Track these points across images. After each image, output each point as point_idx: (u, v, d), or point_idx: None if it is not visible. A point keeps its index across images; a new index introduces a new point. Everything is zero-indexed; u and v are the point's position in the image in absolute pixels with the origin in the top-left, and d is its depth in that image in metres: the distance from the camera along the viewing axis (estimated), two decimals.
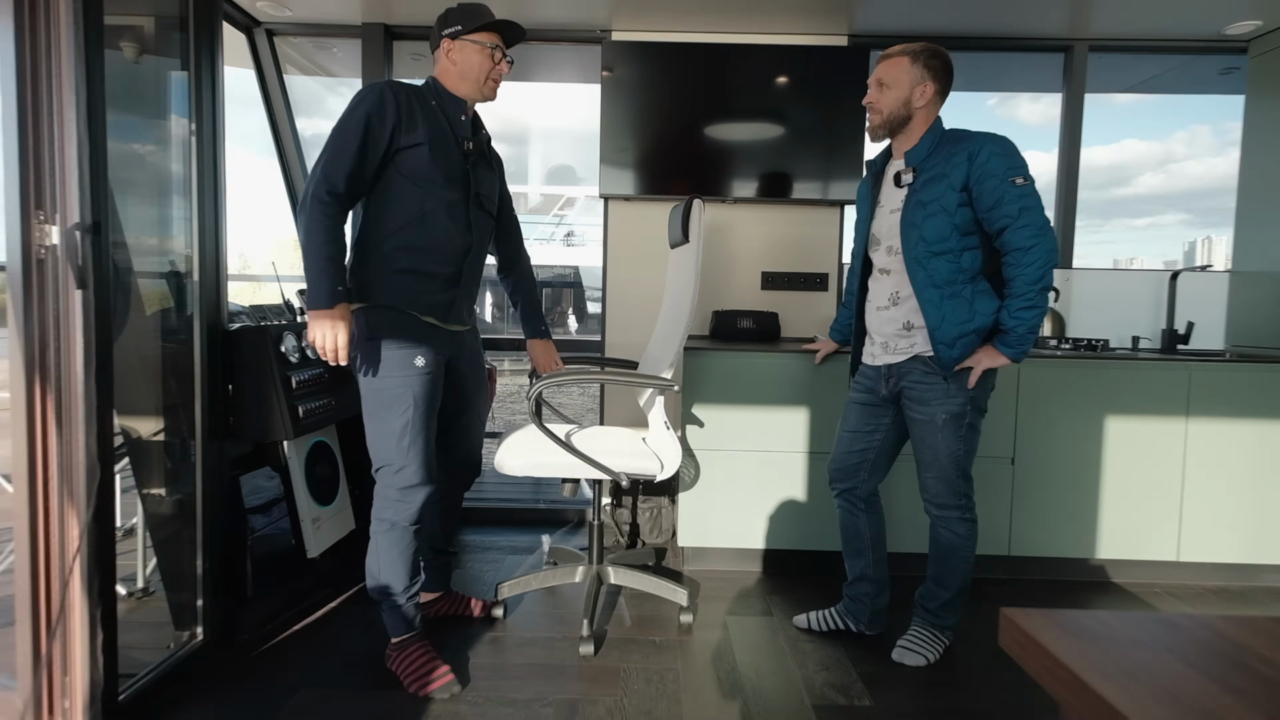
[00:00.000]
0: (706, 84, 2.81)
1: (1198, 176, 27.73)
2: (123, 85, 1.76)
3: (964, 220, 1.73)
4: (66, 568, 1.41)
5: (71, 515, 1.43)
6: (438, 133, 1.74)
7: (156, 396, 1.83)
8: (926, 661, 1.89)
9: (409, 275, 1.73)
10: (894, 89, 1.80)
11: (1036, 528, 2.44)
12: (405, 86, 1.75)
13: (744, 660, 1.92)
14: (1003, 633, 0.60)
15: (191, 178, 1.85)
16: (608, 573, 2.19)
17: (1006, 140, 1.74)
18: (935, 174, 1.75)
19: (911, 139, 1.82)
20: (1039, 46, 2.93)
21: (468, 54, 1.78)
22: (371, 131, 1.66)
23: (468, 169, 1.80)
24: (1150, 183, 66.72)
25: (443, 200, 1.75)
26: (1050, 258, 1.67)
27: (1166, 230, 58.91)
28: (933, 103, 1.81)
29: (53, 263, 1.43)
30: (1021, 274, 1.69)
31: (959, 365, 1.76)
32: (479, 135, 1.86)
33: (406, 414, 1.71)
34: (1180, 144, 61.50)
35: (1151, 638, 0.56)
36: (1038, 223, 1.68)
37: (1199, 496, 2.41)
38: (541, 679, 1.80)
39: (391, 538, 1.76)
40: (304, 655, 1.90)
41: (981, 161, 1.70)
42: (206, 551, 1.82)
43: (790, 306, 2.94)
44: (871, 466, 1.96)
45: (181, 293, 1.89)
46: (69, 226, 1.41)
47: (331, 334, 1.62)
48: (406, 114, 1.70)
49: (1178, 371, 2.38)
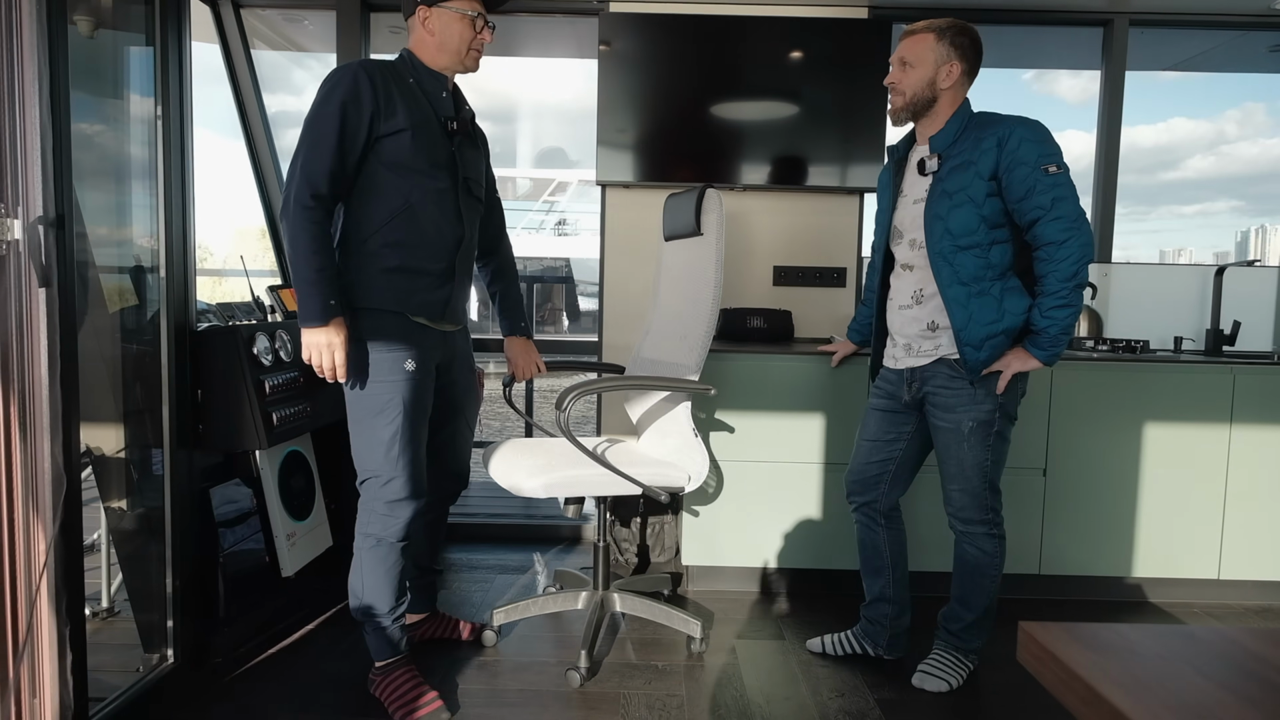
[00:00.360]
0: (714, 60, 2.87)
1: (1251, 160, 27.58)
2: (80, 63, 1.80)
3: (993, 212, 1.79)
4: (34, 585, 1.46)
5: (38, 529, 1.48)
6: (419, 115, 1.77)
7: (119, 401, 1.88)
8: (949, 687, 1.95)
9: (399, 274, 1.78)
10: (918, 68, 1.85)
11: (1070, 544, 2.51)
12: (379, 65, 1.77)
13: (753, 686, 1.98)
14: (1021, 647, 0.66)
15: (157, 163, 1.90)
16: (613, 600, 2.23)
17: (1039, 125, 1.79)
18: (962, 161, 1.81)
19: (937, 123, 1.88)
20: (1076, 20, 3.00)
21: (447, 22, 1.78)
22: (348, 122, 1.69)
23: (453, 152, 1.84)
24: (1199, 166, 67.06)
25: (429, 189, 1.78)
26: (1085, 253, 1.73)
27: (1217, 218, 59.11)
28: (960, 84, 1.86)
29: (14, 259, 1.48)
30: (1054, 270, 1.75)
31: (987, 369, 1.82)
32: (462, 113, 1.88)
33: (395, 422, 1.76)
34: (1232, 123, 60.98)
35: (1169, 650, 0.62)
36: (1072, 215, 1.73)
37: (1242, 510, 2.48)
38: (536, 706, 1.86)
39: (377, 555, 1.81)
40: (281, 680, 1.96)
41: (1012, 148, 1.75)
42: (176, 569, 1.87)
43: (805, 304, 3.00)
44: (892, 478, 2.03)
45: (144, 289, 1.94)
46: (31, 220, 1.46)
47: (328, 352, 1.67)
48: (384, 97, 1.72)
49: (1221, 375, 2.45)
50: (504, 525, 3.16)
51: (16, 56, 1.45)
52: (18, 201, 1.46)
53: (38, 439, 1.49)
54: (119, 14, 1.94)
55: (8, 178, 1.45)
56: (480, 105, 2.08)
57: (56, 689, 1.49)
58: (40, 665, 1.49)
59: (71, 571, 1.53)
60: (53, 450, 1.49)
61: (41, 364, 1.48)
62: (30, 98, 1.46)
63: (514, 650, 2.15)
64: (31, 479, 1.49)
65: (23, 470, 1.48)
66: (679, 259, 2.30)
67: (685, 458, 2.09)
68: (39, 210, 1.46)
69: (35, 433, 1.49)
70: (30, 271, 1.47)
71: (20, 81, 1.45)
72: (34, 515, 1.49)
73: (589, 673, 1.99)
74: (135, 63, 1.94)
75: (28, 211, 1.46)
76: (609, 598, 2.22)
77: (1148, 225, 48.81)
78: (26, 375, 1.48)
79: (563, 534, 3.14)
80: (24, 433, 1.49)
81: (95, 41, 1.91)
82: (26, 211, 1.46)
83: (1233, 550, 2.49)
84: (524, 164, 20.03)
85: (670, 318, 2.29)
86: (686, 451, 2.10)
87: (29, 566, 1.49)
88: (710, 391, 2.02)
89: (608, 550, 2.27)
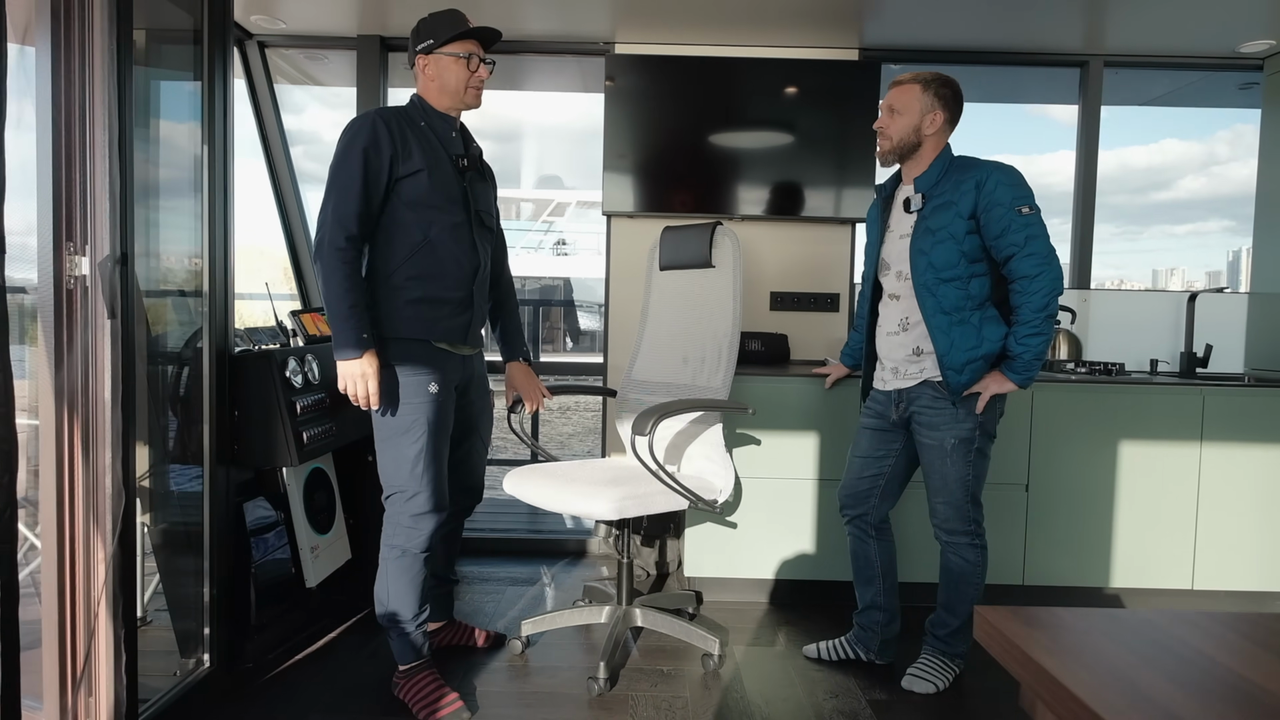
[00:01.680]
0: (713, 98, 3.05)
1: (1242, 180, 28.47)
2: (139, 102, 1.95)
3: (972, 247, 1.96)
4: (94, 592, 1.60)
5: (98, 540, 1.62)
6: (433, 156, 1.93)
7: (163, 420, 2.02)
8: (936, 689, 2.09)
9: (423, 304, 1.93)
10: (905, 115, 2.02)
11: (1051, 556, 2.66)
12: (394, 112, 1.93)
13: (753, 689, 2.11)
14: (976, 626, 0.81)
15: (202, 194, 2.04)
16: (636, 615, 2.31)
17: (1014, 170, 1.97)
18: (944, 201, 1.98)
19: (921, 165, 2.05)
20: (1054, 61, 3.19)
21: (444, 66, 1.94)
22: (370, 166, 1.85)
23: (465, 187, 1.99)
24: (1191, 186, 67.38)
25: (446, 224, 1.94)
26: (1055, 285, 1.90)
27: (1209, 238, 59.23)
28: (942, 130, 2.04)
29: (81, 293, 1.63)
30: (1028, 301, 1.91)
31: (967, 390, 1.98)
32: (471, 150, 2.04)
33: (420, 440, 1.91)
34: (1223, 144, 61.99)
35: (1093, 626, 0.77)
36: (1043, 252, 1.90)
37: (1213, 524, 2.63)
38: (551, 707, 1.99)
39: (402, 565, 1.95)
40: (309, 683, 2.09)
41: (989, 190, 1.93)
42: (214, 579, 2.00)
43: (800, 328, 3.16)
44: (882, 492, 2.18)
45: (187, 313, 2.09)
46: (100, 258, 1.62)
47: (362, 381, 1.82)
48: (401, 142, 1.88)
49: (1191, 396, 2.61)
50: (512, 539, 3.30)
51: (89, 110, 1.61)
52: (86, 240, 1.62)
53: (99, 457, 1.64)
54: (170, 55, 2.08)
55: (78, 220, 1.61)
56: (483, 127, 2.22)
57: (112, 687, 1.63)
58: (97, 666, 1.62)
59: (128, 579, 1.67)
60: (113, 467, 1.63)
61: (105, 388, 1.63)
62: (99, 148, 1.62)
63: (534, 656, 2.28)
64: (92, 494, 1.63)
65: (84, 485, 1.63)
66: (677, 288, 2.43)
67: (716, 474, 2.24)
68: (105, 249, 1.62)
69: (97, 452, 1.63)
70: (98, 304, 1.62)
71: (91, 133, 1.61)
72: (94, 527, 1.63)
73: (608, 684, 2.08)
74: (185, 100, 2.08)
75: (95, 250, 1.62)
76: (631, 613, 2.31)
77: (1140, 245, 49.15)
78: (91, 399, 1.63)
79: (568, 548, 3.27)
80: (86, 451, 1.63)
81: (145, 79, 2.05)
82: (94, 250, 1.62)
83: (1205, 562, 2.64)
84: (526, 185, 20.30)
85: (666, 341, 2.42)
86: (718, 467, 2.24)
87: (89, 575, 1.63)
88: (749, 410, 2.21)
89: (631, 567, 2.36)
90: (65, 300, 1.61)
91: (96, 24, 1.61)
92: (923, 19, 2.85)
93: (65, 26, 1.59)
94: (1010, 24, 2.87)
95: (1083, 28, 2.90)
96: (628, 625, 2.31)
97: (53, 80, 1.57)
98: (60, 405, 1.60)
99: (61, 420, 1.60)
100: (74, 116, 1.60)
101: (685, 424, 2.37)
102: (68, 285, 1.61)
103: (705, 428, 2.30)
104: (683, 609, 2.59)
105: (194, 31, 2.03)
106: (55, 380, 1.59)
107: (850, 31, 2.97)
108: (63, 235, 1.60)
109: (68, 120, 1.60)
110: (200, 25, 2.03)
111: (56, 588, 1.60)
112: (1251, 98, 3.51)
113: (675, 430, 2.42)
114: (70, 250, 1.61)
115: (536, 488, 2.19)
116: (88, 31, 1.61)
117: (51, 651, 1.59)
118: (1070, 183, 3.30)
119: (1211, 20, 2.78)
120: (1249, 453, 2.62)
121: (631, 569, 2.36)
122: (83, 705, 1.63)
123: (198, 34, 2.03)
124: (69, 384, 1.60)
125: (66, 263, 1.61)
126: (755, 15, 2.81)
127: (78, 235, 1.62)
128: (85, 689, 1.62)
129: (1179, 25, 2.82)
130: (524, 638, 2.31)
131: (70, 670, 1.61)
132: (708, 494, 2.20)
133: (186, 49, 2.04)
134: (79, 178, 1.61)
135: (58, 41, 1.58)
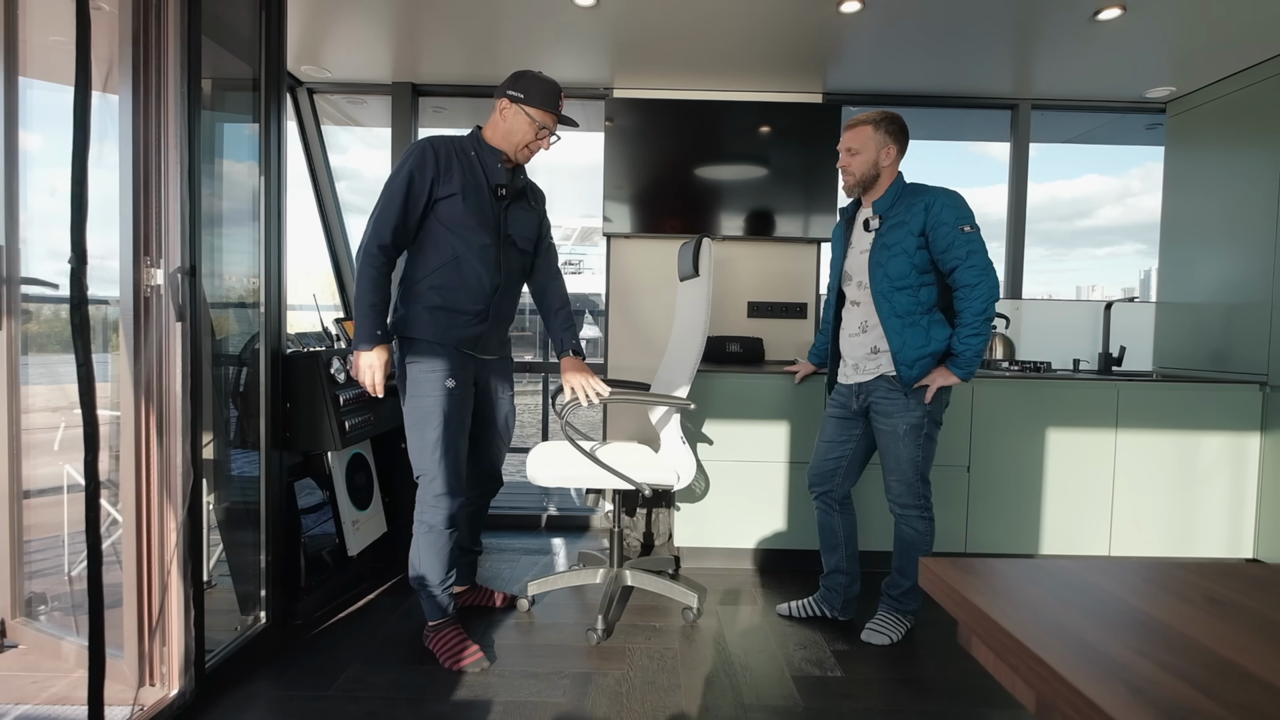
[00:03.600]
0: (698, 135, 3.07)
1: (1152, 210, 28.81)
2: (205, 139, 1.97)
3: (921, 261, 1.98)
4: (167, 556, 1.61)
5: (170, 513, 1.63)
6: (472, 183, 1.91)
7: (227, 412, 2.03)
8: (890, 641, 2.10)
9: (441, 312, 1.93)
10: (863, 153, 2.04)
11: (989, 527, 2.67)
12: (447, 141, 1.92)
13: (733, 641, 2.12)
14: (921, 575, 0.82)
15: (259, 220, 2.06)
16: (625, 575, 2.35)
17: (957, 194, 1.99)
18: (897, 221, 2.00)
19: (878, 191, 2.07)
20: (988, 104, 3.22)
21: (518, 120, 1.93)
22: (413, 186, 1.86)
23: (500, 213, 1.97)
24: (1110, 214, 67.94)
25: (474, 245, 1.92)
26: (992, 293, 1.92)
27: (1124, 259, 59.37)
28: (895, 160, 2.06)
29: (156, 300, 1.64)
30: (969, 306, 1.93)
31: (917, 383, 1.99)
32: (515, 182, 1.99)
33: (438, 429, 1.91)
34: (1136, 179, 62.21)
35: (1020, 574, 0.78)
36: (982, 264, 1.92)
37: (1127, 499, 2.65)
38: (558, 657, 2.00)
39: (430, 539, 1.95)
40: (351, 637, 2.09)
41: (936, 212, 1.95)
42: (269, 548, 2.01)
43: (773, 332, 3.18)
44: (845, 472, 2.19)
45: (245, 321, 2.10)
46: (172, 270, 1.63)
47: (370, 373, 1.86)
48: (444, 168, 1.89)
49: (1108, 390, 2.63)
50: (525, 515, 3.30)
51: (163, 141, 1.62)
52: (160, 254, 1.63)
53: (171, 441, 1.64)
54: (232, 100, 2.09)
55: (154, 236, 1.62)
56: None
57: (182, 638, 1.63)
58: (169, 619, 1.63)
59: (195, 546, 1.67)
60: (183, 450, 1.64)
61: (176, 382, 1.64)
62: (172, 173, 1.63)
63: (541, 615, 2.29)
64: (165, 473, 1.64)
65: (159, 466, 1.64)
66: (685, 295, 2.43)
67: (675, 460, 2.22)
68: (177, 261, 1.63)
69: (170, 436, 1.64)
70: (169, 309, 1.63)
71: (166, 160, 1.62)
72: (166, 501, 1.64)
73: (604, 634, 2.12)
74: (244, 139, 2.09)
75: (168, 262, 1.63)
76: (622, 574, 2.35)
77: (1066, 265, 49.40)
78: (164, 392, 1.64)
79: (576, 523, 3.28)
80: (160, 437, 1.64)
81: (209, 122, 2.06)
82: (167, 262, 1.63)
83: (1120, 531, 2.66)
84: None
85: (677, 345, 2.43)
86: (675, 456, 2.23)
87: (162, 543, 1.63)
88: (691, 406, 2.14)
89: (621, 535, 2.40)
90: (143, 307, 1.62)
91: (170, 71, 1.62)
92: (877, 67, 2.88)
93: (145, 74, 1.60)
94: (951, 72, 2.90)
95: (1013, 75, 2.93)
96: (619, 585, 2.34)
97: (133, 118, 1.59)
98: (138, 397, 1.60)
99: (139, 410, 1.61)
100: (150, 149, 1.62)
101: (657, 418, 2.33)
102: (145, 294, 1.62)
103: (665, 420, 2.28)
104: (664, 570, 2.63)
105: (253, 80, 2.04)
106: (134, 375, 1.60)
107: (814, 78, 3.00)
108: (140, 250, 1.61)
109: (145, 152, 1.61)
110: (258, 74, 2.04)
111: (136, 554, 1.60)
112: (1156, 136, 3.56)
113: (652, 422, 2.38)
114: (147, 263, 1.62)
115: (535, 457, 2.24)
116: (163, 77, 1.62)
117: (131, 609, 1.60)
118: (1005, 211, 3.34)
119: (1122, 69, 2.81)
120: (1157, 438, 2.64)
121: (622, 537, 2.39)
122: (158, 653, 1.63)
123: (256, 82, 2.04)
124: (145, 378, 1.61)
125: (144, 274, 1.62)
126: (734, 63, 2.84)
127: (154, 250, 1.63)
128: (160, 640, 1.63)
129: (1095, 73, 2.86)
130: (530, 597, 2.33)
131: (147, 624, 1.61)
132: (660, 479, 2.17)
133: (246, 95, 2.06)
134: (155, 201, 1.62)
135: (137, 86, 1.59)
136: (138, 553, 1.59)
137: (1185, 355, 3.03)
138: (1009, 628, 0.64)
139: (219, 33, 1.87)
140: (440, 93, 3.19)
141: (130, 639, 1.59)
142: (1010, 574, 0.80)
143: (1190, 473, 2.65)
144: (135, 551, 1.59)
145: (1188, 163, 3.06)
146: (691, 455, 2.21)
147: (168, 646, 1.62)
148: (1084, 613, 0.68)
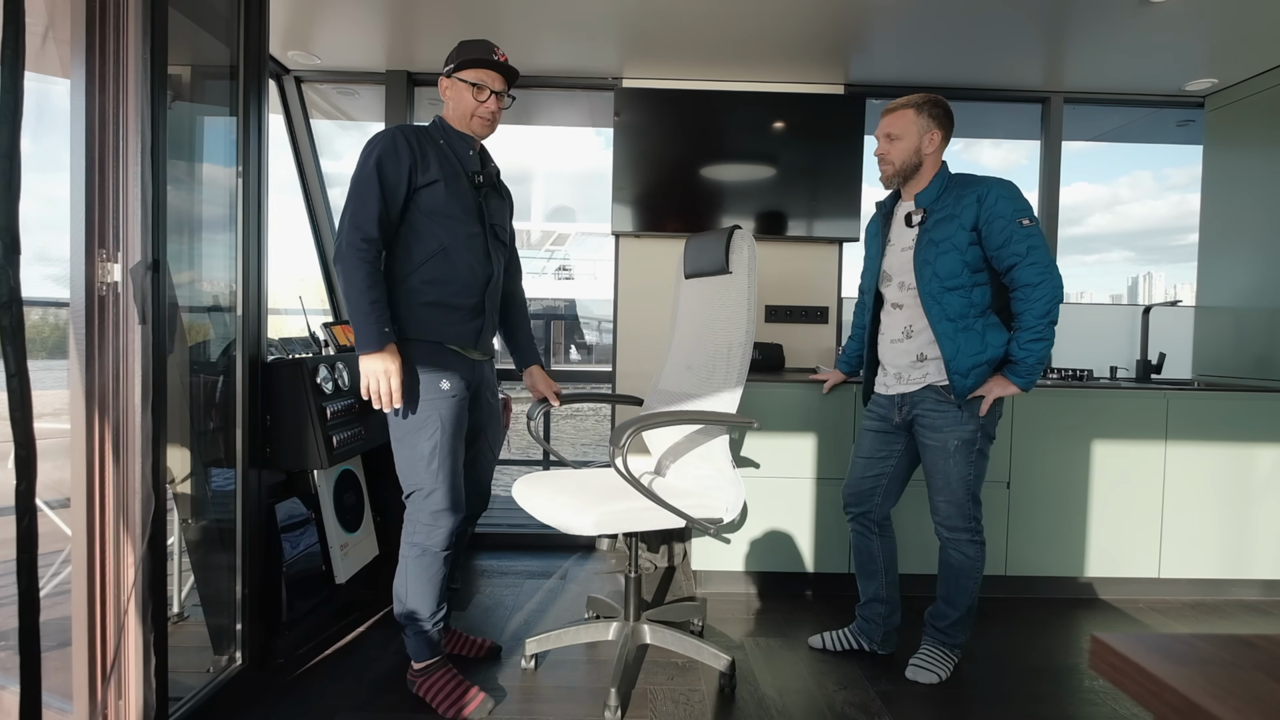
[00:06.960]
0: (713, 128, 2.88)
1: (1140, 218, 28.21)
2: (172, 130, 1.76)
3: (974, 258, 1.78)
4: (123, 595, 1.38)
5: (127, 544, 1.40)
6: (450, 169, 1.74)
7: (195, 425, 1.81)
8: (939, 679, 1.90)
9: (435, 308, 1.73)
10: (904, 139, 1.85)
11: (1031, 548, 2.48)
12: (415, 129, 1.75)
13: (764, 680, 1.91)
14: (1095, 657, 0.62)
15: (237, 218, 1.85)
16: (643, 631, 1.98)
17: (1013, 184, 1.79)
18: (946, 214, 1.81)
19: (921, 182, 1.88)
20: (1019, 97, 3.05)
21: (457, 91, 1.78)
22: (388, 174, 1.66)
23: (480, 201, 1.80)
24: (1099, 223, 68.31)
25: (461, 234, 1.74)
26: (1057, 293, 1.73)
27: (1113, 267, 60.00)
28: (939, 148, 1.87)
29: (113, 299, 1.42)
30: (1031, 308, 1.74)
31: (972, 394, 1.80)
32: (488, 168, 1.85)
33: (434, 437, 1.69)
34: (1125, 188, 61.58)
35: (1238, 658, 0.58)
36: (1045, 260, 1.73)
37: (1177, 516, 2.47)
38: (572, 703, 1.78)
39: (421, 564, 1.73)
40: (339, 679, 1.86)
41: (990, 204, 1.75)
42: (246, 577, 1.79)
43: (793, 338, 2.98)
44: (885, 491, 1.99)
45: (221, 326, 1.88)
46: (132, 265, 1.41)
47: (384, 377, 1.62)
48: (420, 154, 1.70)
49: (1156, 400, 2.45)
50: (527, 534, 3.08)
51: (122, 121, 1.41)
52: (118, 248, 1.41)
53: (130, 461, 1.42)
54: (207, 89, 1.89)
55: (110, 227, 1.40)
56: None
57: (140, 690, 1.40)
58: (126, 669, 1.40)
59: (157, 583, 1.45)
60: (143, 472, 1.42)
61: (135, 393, 1.42)
62: (132, 157, 1.42)
63: (543, 676, 2.03)
64: (122, 498, 1.42)
65: (115, 490, 1.41)
66: (699, 295, 2.16)
67: (722, 489, 1.85)
68: (138, 255, 1.41)
69: (127, 455, 1.42)
70: (129, 310, 1.41)
71: (125, 143, 1.41)
72: (124, 532, 1.41)
73: (619, 711, 1.71)
74: (220, 131, 1.88)
75: (128, 256, 1.41)
76: (639, 630, 1.98)
77: None
78: (122, 403, 1.42)
79: (580, 542, 3.06)
80: (116, 456, 1.42)
81: (185, 111, 1.86)
82: (126, 256, 1.41)
83: (1170, 552, 2.47)
84: (536, 218, 20.52)
85: (687, 351, 2.17)
86: (723, 483, 1.86)
87: (119, 579, 1.41)
88: (754, 425, 1.80)
89: (639, 581, 2.02)
90: (97, 306, 1.40)
91: (130, 42, 1.41)
92: (902, 57, 2.70)
93: (100, 44, 1.39)
94: (981, 62, 2.73)
95: (1045, 66, 2.76)
96: (636, 642, 1.97)
97: (86, 89, 1.37)
98: (91, 408, 1.38)
99: (92, 423, 1.39)
100: (107, 128, 1.40)
101: (686, 436, 2.00)
102: (100, 292, 1.40)
103: (708, 439, 1.93)
104: (689, 622, 2.22)
105: (230, 65, 1.84)
106: (85, 384, 1.38)
107: (837, 68, 2.82)
108: (95, 243, 1.39)
109: (100, 131, 1.39)
110: (236, 56, 1.83)
111: (86, 589, 1.38)
112: (1187, 134, 3.40)
113: (674, 442, 2.05)
114: (102, 257, 1.40)
115: (534, 496, 1.87)
116: (121, 47, 1.41)
117: (81, 652, 1.37)
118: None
119: (1162, 59, 2.65)
120: (1207, 450, 2.46)
121: (640, 583, 2.02)
122: (112, 708, 1.40)
123: (234, 67, 1.83)
124: (100, 389, 1.39)
125: (98, 269, 1.40)
126: (751, 50, 2.65)
127: (110, 243, 1.41)
128: (115, 691, 1.40)
129: (1131, 65, 2.69)
130: (530, 656, 1.96)
131: (100, 671, 1.38)
132: (706, 512, 1.79)
133: (223, 83, 1.84)
134: (112, 186, 1.41)
135: (91, 48, 1.38)
136: (89, 590, 1.37)
137: (1227, 362, 2.86)
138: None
139: (190, 6, 1.66)
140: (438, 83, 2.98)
141: (81, 689, 1.36)
142: (1222, 654, 0.59)
143: (1243, 488, 2.46)
144: (87, 588, 1.37)
145: (1228, 159, 2.89)
146: (740, 484, 1.85)
147: (124, 700, 1.40)
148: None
